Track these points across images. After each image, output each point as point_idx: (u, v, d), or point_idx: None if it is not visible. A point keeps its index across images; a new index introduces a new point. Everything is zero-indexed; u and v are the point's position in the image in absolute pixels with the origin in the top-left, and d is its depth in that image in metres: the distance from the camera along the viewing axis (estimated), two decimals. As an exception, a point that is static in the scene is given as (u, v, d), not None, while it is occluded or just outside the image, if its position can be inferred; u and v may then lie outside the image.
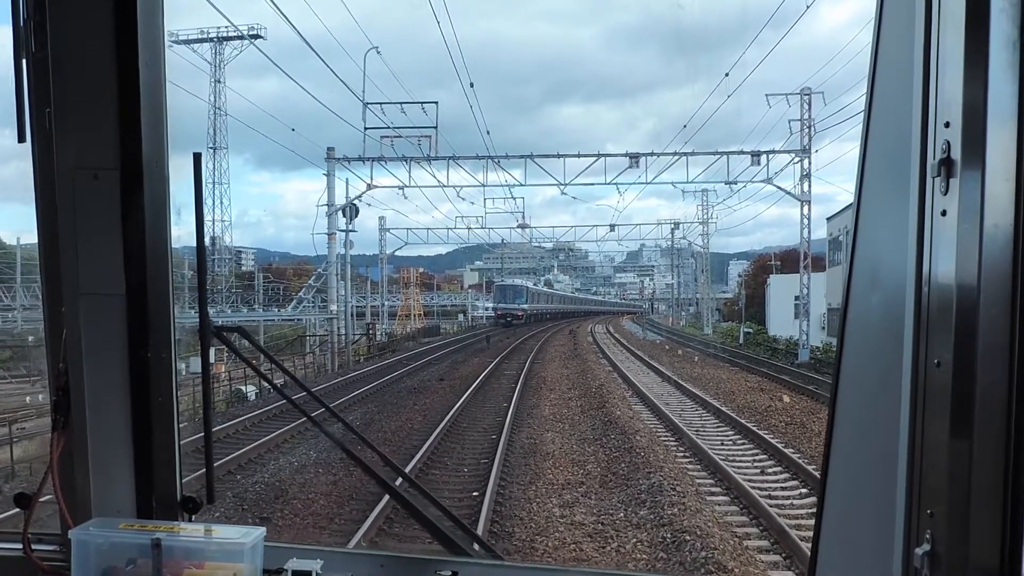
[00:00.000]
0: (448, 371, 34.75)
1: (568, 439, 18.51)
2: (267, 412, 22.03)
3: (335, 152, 40.48)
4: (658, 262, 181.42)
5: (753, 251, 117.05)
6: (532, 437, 18.90)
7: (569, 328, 75.52)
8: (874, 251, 1.83)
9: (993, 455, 1.44)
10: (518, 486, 14.29)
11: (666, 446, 17.60)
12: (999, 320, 1.42)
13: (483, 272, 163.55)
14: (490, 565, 2.44)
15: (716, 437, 18.84)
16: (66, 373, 2.41)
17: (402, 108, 39.06)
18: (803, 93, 40.30)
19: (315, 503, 13.33)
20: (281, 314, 43.68)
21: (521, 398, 25.53)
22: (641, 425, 19.82)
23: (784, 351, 44.71)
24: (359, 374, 33.05)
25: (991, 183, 1.42)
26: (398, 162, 40.43)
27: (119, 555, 2.12)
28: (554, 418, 21.60)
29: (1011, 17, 1.40)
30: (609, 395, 25.33)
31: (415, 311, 74.16)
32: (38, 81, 2.33)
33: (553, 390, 27.70)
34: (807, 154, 40.18)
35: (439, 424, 20.18)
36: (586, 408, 23.15)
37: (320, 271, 42.68)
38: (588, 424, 20.43)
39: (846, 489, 1.94)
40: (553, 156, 39.78)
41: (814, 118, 40.57)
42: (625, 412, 21.78)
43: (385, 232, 59.14)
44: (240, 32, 57.22)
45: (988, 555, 1.46)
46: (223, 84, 65.33)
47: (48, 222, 2.40)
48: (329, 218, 40.74)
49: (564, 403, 24.41)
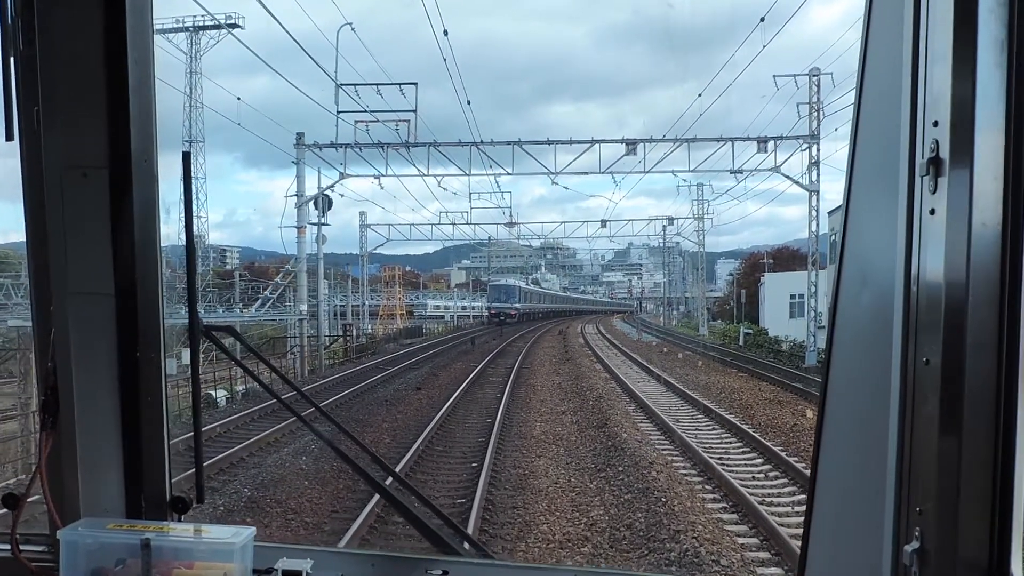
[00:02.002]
0: (428, 378, 31.43)
1: (564, 469, 15.24)
2: (237, 420, 20.46)
3: (305, 138, 37.05)
4: (646, 260, 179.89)
5: (741, 250, 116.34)
6: (521, 465, 15.63)
7: (559, 328, 72.41)
8: (863, 250, 1.82)
9: (981, 453, 1.46)
10: (503, 541, 11.05)
11: (690, 485, 14.01)
12: (987, 318, 1.44)
13: (470, 271, 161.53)
14: (480, 564, 2.44)
15: (745, 469, 15.43)
16: (54, 373, 2.38)
17: (378, 90, 35.66)
18: (811, 74, 37.15)
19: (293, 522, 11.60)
20: (245, 315, 40.07)
21: (508, 412, 22.29)
22: (654, 453, 16.37)
23: (788, 354, 41.76)
24: (329, 381, 29.67)
25: (979, 182, 1.44)
26: (375, 152, 37.05)
27: (108, 555, 2.09)
28: (546, 439, 18.33)
29: (999, 17, 1.42)
30: (610, 409, 22.01)
31: (399, 311, 70.95)
32: (26, 78, 2.31)
33: (544, 402, 24.42)
34: (816, 140, 37.00)
35: (411, 446, 16.94)
36: (583, 426, 19.86)
37: (288, 268, 39.04)
38: (587, 448, 17.14)
39: (836, 487, 1.92)
40: (543, 143, 36.51)
41: (823, 101, 37.47)
42: (631, 433, 18.43)
43: (366, 228, 56.18)
44: (217, 21, 54.01)
45: (976, 552, 1.47)
46: (200, 75, 62.01)
47: (37, 221, 2.38)
48: (299, 210, 37.26)
49: (557, 419, 21.13)
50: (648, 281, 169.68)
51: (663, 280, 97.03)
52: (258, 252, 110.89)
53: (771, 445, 16.74)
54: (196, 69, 62.36)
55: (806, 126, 37.28)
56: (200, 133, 64.86)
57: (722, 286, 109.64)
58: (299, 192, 37.09)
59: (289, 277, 39.21)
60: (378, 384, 29.32)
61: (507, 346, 48.60)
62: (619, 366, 35.10)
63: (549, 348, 48.26)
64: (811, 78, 37.15)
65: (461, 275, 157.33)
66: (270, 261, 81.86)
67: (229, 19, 54.62)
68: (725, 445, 17.67)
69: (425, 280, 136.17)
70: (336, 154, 36.92)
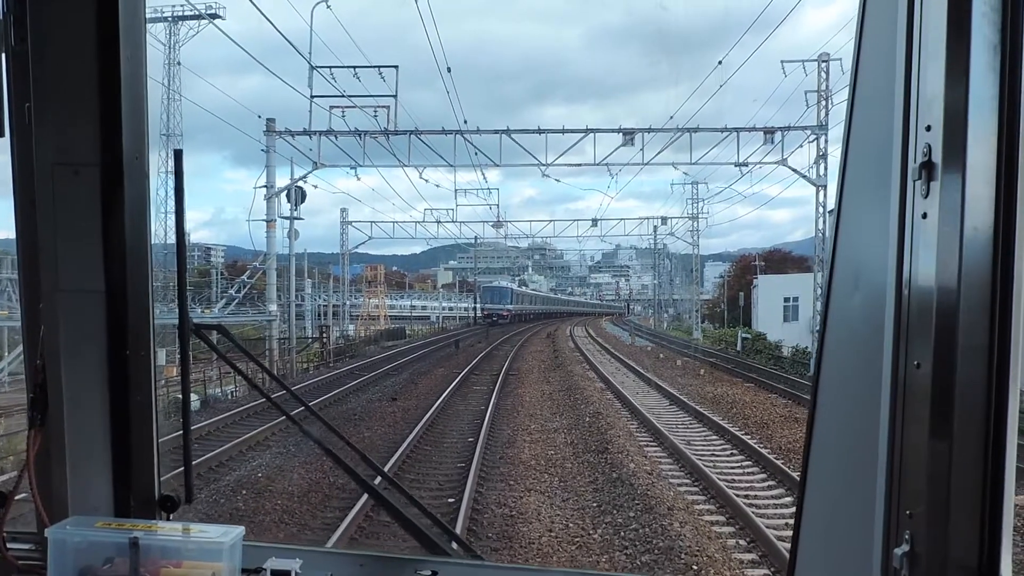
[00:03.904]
0: (405, 386, 28.65)
1: (560, 509, 12.50)
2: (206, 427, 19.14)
3: (275, 124, 34.13)
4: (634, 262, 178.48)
5: (729, 252, 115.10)
6: (507, 503, 12.88)
7: (546, 331, 69.73)
8: (855, 253, 1.83)
9: (972, 456, 1.46)
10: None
11: (721, 541, 11.02)
12: (979, 322, 1.45)
13: (457, 271, 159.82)
14: (470, 565, 2.43)
15: (776, 513, 12.81)
16: (44, 370, 2.37)
17: (355, 72, 32.82)
18: (820, 60, 34.54)
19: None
20: (206, 316, 37.10)
21: (493, 428, 19.56)
22: (670, 493, 13.41)
23: (791, 360, 39.29)
24: (297, 390, 26.81)
25: (971, 186, 1.44)
26: (353, 142, 34.20)
27: (96, 554, 2.07)
28: (537, 465, 15.59)
29: (992, 22, 1.42)
30: (609, 428, 19.23)
31: (381, 312, 68.07)
32: (18, 75, 2.31)
33: (534, 416, 21.68)
34: (824, 131, 34.37)
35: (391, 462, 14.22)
36: (580, 449, 17.11)
37: (257, 265, 35.96)
38: (587, 479, 14.39)
39: (826, 490, 1.92)
40: (533, 132, 33.76)
41: (831, 88, 34.84)
42: (639, 462, 15.60)
43: (347, 225, 53.43)
44: (197, 11, 51.20)
45: (967, 555, 1.47)
46: (179, 67, 59.11)
47: (27, 218, 2.38)
48: (268, 202, 34.34)
49: (549, 438, 18.38)
50: (636, 283, 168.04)
51: (654, 282, 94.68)
52: (245, 251, 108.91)
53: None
54: (175, 60, 59.50)
55: (814, 116, 34.77)
56: (178, 126, 61.88)
57: (710, 288, 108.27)
58: (269, 183, 34.18)
59: (257, 275, 36.16)
60: (350, 393, 26.54)
61: (493, 350, 45.85)
62: (614, 374, 32.39)
63: (537, 352, 45.53)
64: (819, 64, 34.54)
65: (448, 275, 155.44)
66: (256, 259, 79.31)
67: (210, 9, 52.07)
68: (749, 478, 14.88)
69: (411, 280, 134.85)
70: (311, 145, 34.07)
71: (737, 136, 32.83)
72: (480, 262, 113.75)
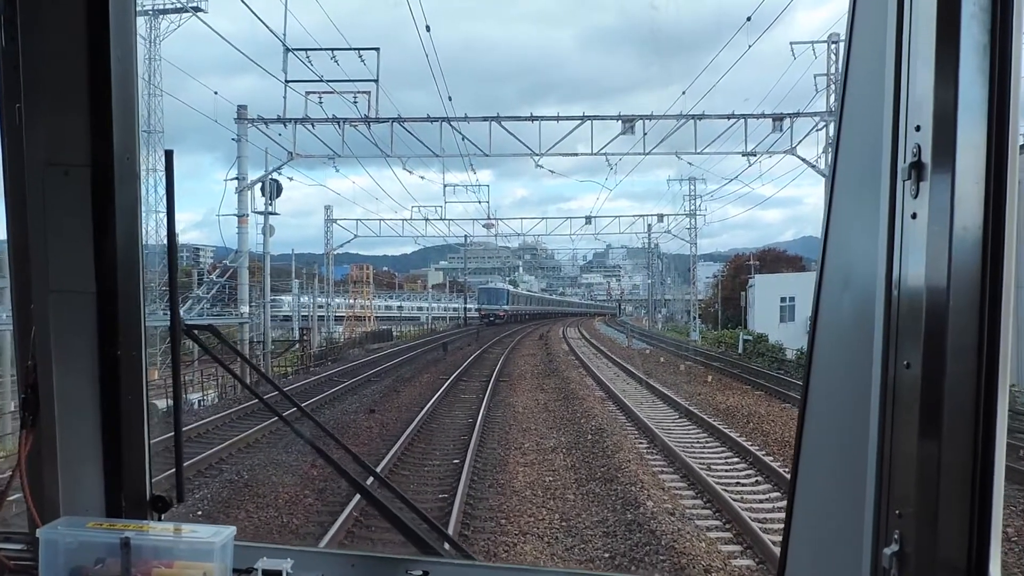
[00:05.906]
0: (386, 395, 26.20)
1: (564, 562, 10.09)
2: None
3: (247, 112, 31.62)
4: (626, 262, 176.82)
5: (720, 252, 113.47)
6: (497, 551, 10.49)
7: (539, 332, 67.40)
8: (845, 254, 1.82)
9: (961, 456, 1.46)
10: None
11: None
12: (968, 322, 1.44)
13: (447, 272, 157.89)
14: (462, 565, 2.42)
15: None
16: (35, 371, 2.38)
17: (333, 55, 30.36)
18: (831, 40, 32.25)
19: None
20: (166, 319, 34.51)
21: (481, 447, 17.17)
22: (700, 541, 10.89)
23: (796, 364, 37.12)
24: (269, 399, 24.29)
25: (961, 186, 1.44)
26: (331, 130, 31.72)
27: (88, 554, 2.07)
28: (533, 496, 13.18)
29: (981, 22, 1.42)
30: (617, 450, 16.75)
31: (368, 313, 65.58)
32: (8, 75, 2.30)
33: (528, 432, 19.27)
34: (834, 117, 32.12)
35: (345, 507, 11.83)
36: (583, 476, 14.69)
37: (226, 263, 33.38)
38: (595, 520, 11.95)
39: (816, 490, 1.91)
40: (525, 119, 31.37)
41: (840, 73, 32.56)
42: (657, 497, 13.08)
43: (331, 224, 51.10)
44: (180, 3, 48.73)
45: (956, 555, 1.47)
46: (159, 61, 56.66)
47: (18, 218, 2.37)
48: (239, 196, 31.81)
49: (545, 461, 15.96)
50: (627, 283, 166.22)
51: (648, 281, 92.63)
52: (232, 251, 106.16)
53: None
54: (155, 55, 56.95)
55: (822, 103, 32.50)
56: (159, 123, 59.20)
57: (702, 288, 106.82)
58: (240, 175, 31.64)
59: (228, 273, 33.58)
60: (325, 403, 24.06)
61: (483, 353, 43.44)
62: (614, 380, 30.00)
63: (530, 355, 43.12)
64: (829, 45, 32.25)
65: (438, 276, 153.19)
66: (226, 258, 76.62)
67: (192, 1, 49.53)
68: (780, 514, 12.53)
69: (401, 280, 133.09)
70: (287, 134, 31.56)
71: (745, 123, 30.53)
72: (470, 262, 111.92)
